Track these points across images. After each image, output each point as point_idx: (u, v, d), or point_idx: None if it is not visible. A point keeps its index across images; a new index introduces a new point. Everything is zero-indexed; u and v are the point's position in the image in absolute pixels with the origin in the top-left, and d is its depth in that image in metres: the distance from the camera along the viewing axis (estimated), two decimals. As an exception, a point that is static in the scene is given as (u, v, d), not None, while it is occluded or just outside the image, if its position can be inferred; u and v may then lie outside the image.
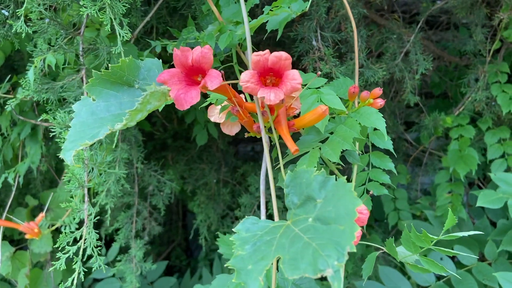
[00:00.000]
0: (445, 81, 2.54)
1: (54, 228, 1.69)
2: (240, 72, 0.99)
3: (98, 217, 1.12)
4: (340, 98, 0.84)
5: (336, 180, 0.58)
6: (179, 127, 2.12)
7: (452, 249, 1.97)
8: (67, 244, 1.07)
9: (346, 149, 0.77)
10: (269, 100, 0.65)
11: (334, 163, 0.84)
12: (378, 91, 0.83)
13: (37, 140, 1.71)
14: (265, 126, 0.78)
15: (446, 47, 2.53)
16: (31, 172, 1.82)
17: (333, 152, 0.74)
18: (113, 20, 0.87)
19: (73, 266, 1.04)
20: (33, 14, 1.01)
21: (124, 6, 0.90)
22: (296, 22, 1.57)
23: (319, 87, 0.86)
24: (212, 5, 0.98)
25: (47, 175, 1.99)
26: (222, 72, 0.72)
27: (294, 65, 0.69)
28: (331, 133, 0.82)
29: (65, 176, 1.07)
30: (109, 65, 0.70)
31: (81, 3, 0.88)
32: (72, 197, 1.85)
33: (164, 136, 2.20)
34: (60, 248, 1.06)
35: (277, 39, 1.03)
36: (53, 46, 1.11)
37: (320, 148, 0.78)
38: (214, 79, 0.67)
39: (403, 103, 2.08)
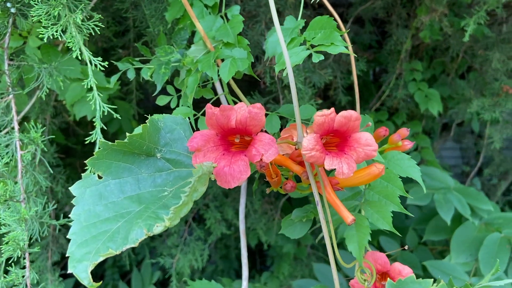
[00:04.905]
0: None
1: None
2: (235, 103, 0.84)
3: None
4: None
5: None
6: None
7: (378, 242, 2.07)
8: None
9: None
10: (342, 173, 0.53)
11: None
12: (405, 131, 0.75)
13: None
14: (302, 188, 0.66)
15: (354, 41, 2.60)
16: None
17: (380, 217, 0.65)
18: (82, 46, 0.64)
19: None
20: None
21: (96, 26, 0.67)
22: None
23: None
24: (196, 21, 0.80)
25: None
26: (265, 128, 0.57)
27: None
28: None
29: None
30: (127, 134, 0.50)
31: (36, 18, 0.63)
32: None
33: (73, 141, 1.88)
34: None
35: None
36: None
37: (360, 210, 0.68)
38: (269, 148, 0.52)
39: (329, 100, 2.08)
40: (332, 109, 0.54)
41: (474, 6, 1.59)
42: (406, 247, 0.73)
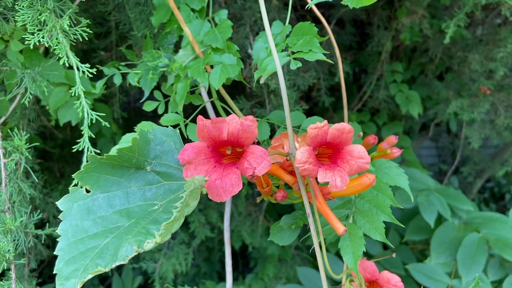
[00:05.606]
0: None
1: None
2: (225, 111, 0.83)
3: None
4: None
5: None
6: (72, 136, 1.78)
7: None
8: None
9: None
10: (335, 186, 0.53)
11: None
12: (394, 139, 0.76)
13: None
14: (293, 198, 0.65)
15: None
16: None
17: (373, 227, 0.65)
18: (68, 52, 0.62)
19: None
20: None
21: (84, 32, 0.65)
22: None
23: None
24: (184, 25, 0.78)
25: None
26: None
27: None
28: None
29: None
30: (116, 147, 0.49)
31: (21, 23, 0.60)
32: None
33: (50, 145, 1.83)
34: None
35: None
36: None
37: (352, 220, 0.68)
38: (261, 161, 0.52)
39: (311, 101, 2.09)
40: (325, 121, 0.54)
41: (452, 8, 1.61)
42: (393, 255, 0.73)
